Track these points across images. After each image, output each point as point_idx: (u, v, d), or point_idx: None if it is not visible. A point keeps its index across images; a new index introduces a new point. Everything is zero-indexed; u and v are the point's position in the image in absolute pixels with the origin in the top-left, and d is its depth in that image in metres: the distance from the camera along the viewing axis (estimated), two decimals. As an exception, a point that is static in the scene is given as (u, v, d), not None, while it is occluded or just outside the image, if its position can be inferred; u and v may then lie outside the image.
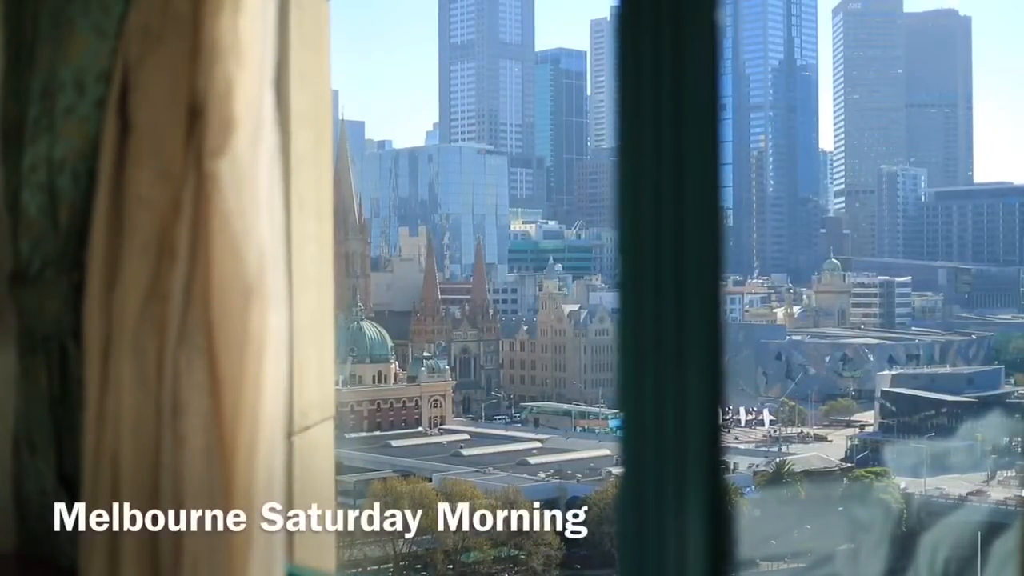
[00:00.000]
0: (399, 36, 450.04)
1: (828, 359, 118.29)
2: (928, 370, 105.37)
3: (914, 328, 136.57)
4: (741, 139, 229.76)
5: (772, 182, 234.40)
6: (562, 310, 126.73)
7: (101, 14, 3.02)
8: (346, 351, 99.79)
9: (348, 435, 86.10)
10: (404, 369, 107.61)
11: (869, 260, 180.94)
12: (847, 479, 75.67)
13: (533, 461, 79.13)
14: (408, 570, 61.50)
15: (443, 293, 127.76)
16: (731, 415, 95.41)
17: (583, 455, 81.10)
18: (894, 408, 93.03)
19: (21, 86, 3.16)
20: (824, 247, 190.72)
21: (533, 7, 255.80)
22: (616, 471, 31.74)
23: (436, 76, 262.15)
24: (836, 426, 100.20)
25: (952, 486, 74.31)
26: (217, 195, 2.64)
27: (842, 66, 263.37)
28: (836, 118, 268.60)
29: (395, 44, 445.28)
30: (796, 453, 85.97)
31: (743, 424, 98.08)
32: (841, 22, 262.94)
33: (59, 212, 3.08)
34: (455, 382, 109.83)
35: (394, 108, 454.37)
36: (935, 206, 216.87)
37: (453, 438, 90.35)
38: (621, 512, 2.24)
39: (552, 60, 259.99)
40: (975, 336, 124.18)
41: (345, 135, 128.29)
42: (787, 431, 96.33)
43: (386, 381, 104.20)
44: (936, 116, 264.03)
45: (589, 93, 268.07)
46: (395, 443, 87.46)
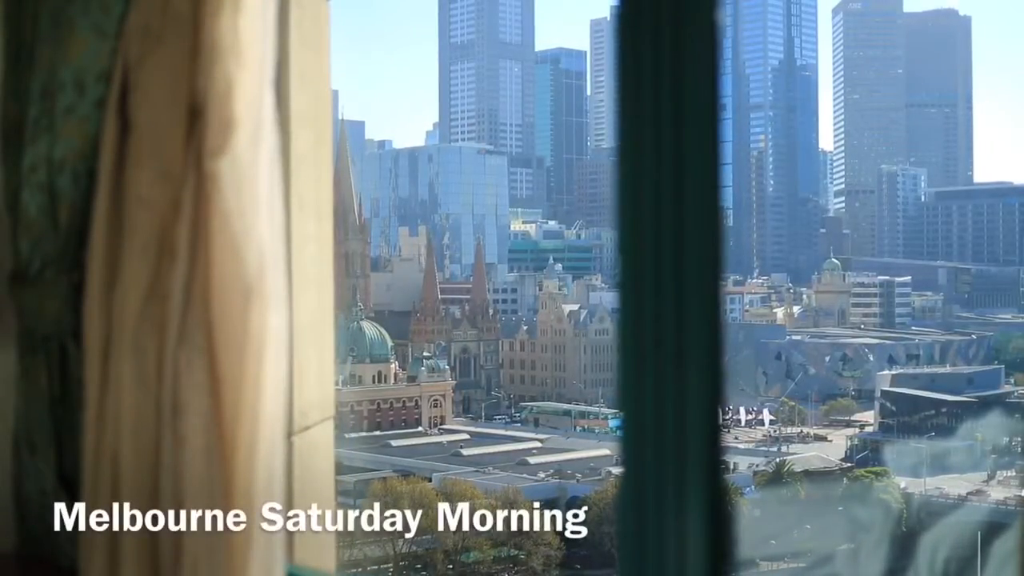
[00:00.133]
0: (399, 36, 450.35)
1: (828, 359, 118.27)
2: (928, 370, 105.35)
3: (914, 328, 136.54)
4: (741, 139, 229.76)
5: (772, 182, 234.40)
6: (562, 310, 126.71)
7: (101, 14, 3.02)
8: (346, 351, 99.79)
9: (348, 435, 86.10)
10: (404, 369, 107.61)
11: (869, 260, 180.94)
12: (847, 479, 75.67)
13: (533, 461, 79.11)
14: (408, 570, 61.49)
15: (443, 293, 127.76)
16: (731, 415, 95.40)
17: (583, 455, 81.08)
18: (894, 408, 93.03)
19: (21, 86, 3.16)
20: (824, 247, 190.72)
21: (533, 7, 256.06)
22: (616, 471, 31.72)
23: (436, 76, 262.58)
24: (836, 426, 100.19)
25: (952, 486, 74.31)
26: (217, 195, 2.64)
27: (842, 66, 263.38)
28: (836, 118, 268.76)
29: (395, 44, 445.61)
30: (796, 453, 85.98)
31: (743, 424, 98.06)
32: (841, 22, 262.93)
33: (59, 212, 3.08)
34: (455, 382, 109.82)
35: (394, 108, 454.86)
36: (935, 206, 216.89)
37: (453, 438, 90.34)
38: (621, 512, 2.24)
39: (552, 60, 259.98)
40: (975, 336, 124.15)
41: (345, 135, 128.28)
42: (787, 431, 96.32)
43: (386, 381, 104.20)
44: (936, 116, 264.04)
45: (589, 93, 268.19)
46: (395, 443, 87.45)
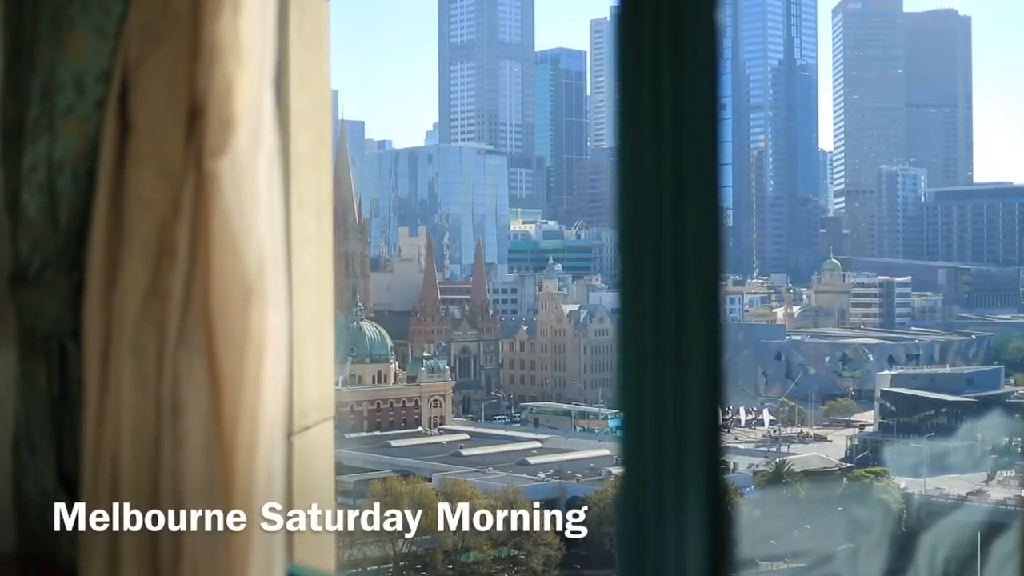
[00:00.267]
0: (399, 36, 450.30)
1: (828, 359, 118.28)
2: (928, 370, 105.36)
3: (914, 328, 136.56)
4: (741, 139, 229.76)
5: (772, 182, 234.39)
6: (562, 310, 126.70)
7: (101, 14, 3.02)
8: (346, 351, 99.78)
9: (348, 435, 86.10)
10: (404, 369, 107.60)
11: (869, 260, 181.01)
12: (847, 479, 75.67)
13: (533, 461, 79.08)
14: (408, 570, 61.50)
15: (443, 293, 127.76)
16: (731, 415, 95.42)
17: (583, 455, 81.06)
18: (894, 408, 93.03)
19: (21, 86, 3.16)
20: (824, 247, 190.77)
21: (533, 7, 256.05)
22: (616, 471, 31.71)
23: (436, 76, 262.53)
24: (836, 426, 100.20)
25: (952, 486, 74.32)
26: (217, 195, 2.64)
27: (842, 66, 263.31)
28: (836, 118, 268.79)
29: (395, 44, 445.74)
30: (796, 453, 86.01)
31: (743, 424, 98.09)
32: (841, 22, 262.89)
33: (59, 212, 3.08)
34: (455, 382, 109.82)
35: (394, 108, 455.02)
36: (935, 206, 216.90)
37: (453, 438, 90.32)
38: (621, 512, 2.24)
39: (552, 60, 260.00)
40: (975, 336, 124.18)
41: (345, 135, 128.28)
42: (787, 431, 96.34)
43: (386, 381, 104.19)
44: (936, 116, 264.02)
45: (589, 93, 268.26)
46: (395, 443, 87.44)
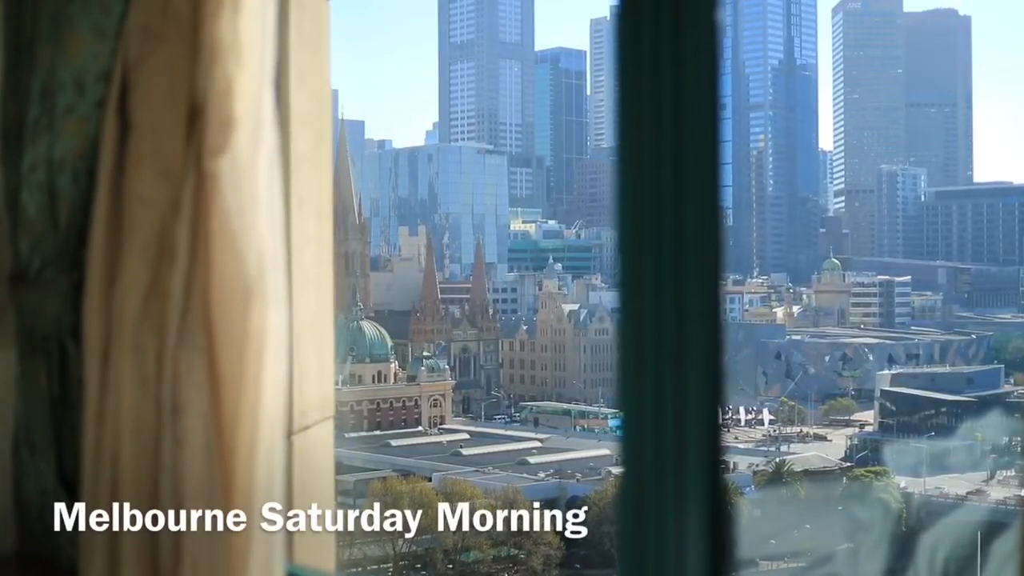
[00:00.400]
0: (399, 36, 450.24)
1: (828, 359, 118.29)
2: (928, 370, 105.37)
3: (914, 328, 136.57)
4: (741, 139, 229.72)
5: (772, 182, 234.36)
6: (562, 310, 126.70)
7: (101, 14, 3.02)
8: (346, 351, 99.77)
9: (348, 435, 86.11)
10: (404, 369, 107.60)
11: (869, 260, 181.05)
12: (847, 479, 75.70)
13: (533, 461, 79.09)
14: (408, 570, 61.51)
15: (443, 293, 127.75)
16: (731, 415, 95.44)
17: (583, 455, 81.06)
18: (894, 408, 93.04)
19: (21, 86, 3.16)
20: (824, 247, 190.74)
21: (533, 7, 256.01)
22: (616, 471, 31.71)
23: (436, 76, 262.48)
24: (836, 426, 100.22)
25: (952, 486, 74.34)
26: (217, 194, 2.64)
27: (842, 66, 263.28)
28: (836, 118, 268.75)
29: (395, 44, 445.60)
30: (796, 453, 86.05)
31: (743, 424, 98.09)
32: (841, 22, 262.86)
33: (59, 212, 3.08)
34: (455, 382, 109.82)
35: (394, 108, 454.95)
36: (935, 206, 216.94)
37: (453, 438, 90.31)
38: (621, 512, 2.24)
39: (552, 60, 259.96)
40: (975, 336, 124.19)
41: (345, 135, 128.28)
42: (787, 431, 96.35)
43: (386, 381, 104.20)
44: (936, 116, 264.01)
45: (589, 93, 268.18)
46: (395, 443, 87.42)
